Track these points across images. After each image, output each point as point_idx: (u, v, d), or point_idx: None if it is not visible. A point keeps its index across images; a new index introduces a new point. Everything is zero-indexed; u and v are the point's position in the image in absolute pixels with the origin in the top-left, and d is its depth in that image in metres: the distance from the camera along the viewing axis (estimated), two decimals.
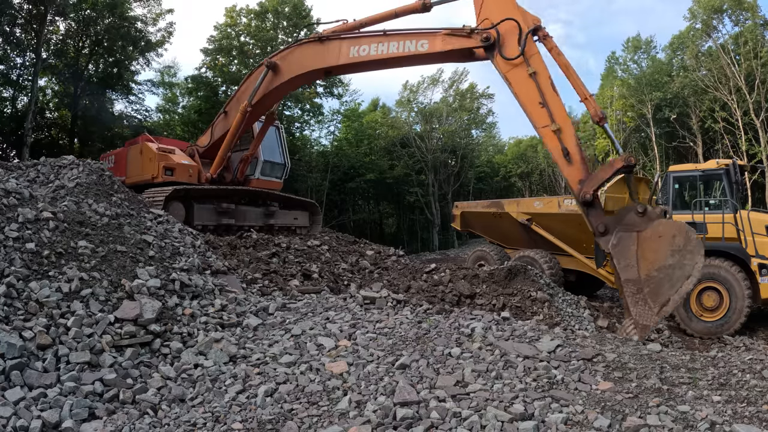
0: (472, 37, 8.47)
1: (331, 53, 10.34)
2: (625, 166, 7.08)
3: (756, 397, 4.38)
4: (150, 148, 12.93)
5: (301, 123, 35.53)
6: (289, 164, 16.62)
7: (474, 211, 13.99)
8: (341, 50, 10.16)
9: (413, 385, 4.70)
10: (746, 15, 28.29)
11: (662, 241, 6.56)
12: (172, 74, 34.59)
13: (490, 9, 8.39)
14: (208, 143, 13.58)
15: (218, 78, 30.48)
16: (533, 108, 7.87)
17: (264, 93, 11.76)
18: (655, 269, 6.54)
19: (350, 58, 10.03)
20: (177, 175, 12.66)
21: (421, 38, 9.25)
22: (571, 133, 7.65)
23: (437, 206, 41.29)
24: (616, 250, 6.76)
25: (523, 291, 8.33)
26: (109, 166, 13.21)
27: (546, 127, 7.74)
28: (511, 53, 8.00)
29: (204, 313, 6.59)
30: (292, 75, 11.23)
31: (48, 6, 22.65)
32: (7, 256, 5.77)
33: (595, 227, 7.09)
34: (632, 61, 36.21)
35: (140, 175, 12.97)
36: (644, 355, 5.85)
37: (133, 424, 4.19)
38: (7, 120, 24.75)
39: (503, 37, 8.16)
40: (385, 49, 9.58)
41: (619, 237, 6.77)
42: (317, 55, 10.59)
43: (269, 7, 30.47)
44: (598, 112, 7.75)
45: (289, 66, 11.21)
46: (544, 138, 7.85)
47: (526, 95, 7.95)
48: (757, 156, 27.78)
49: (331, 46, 10.35)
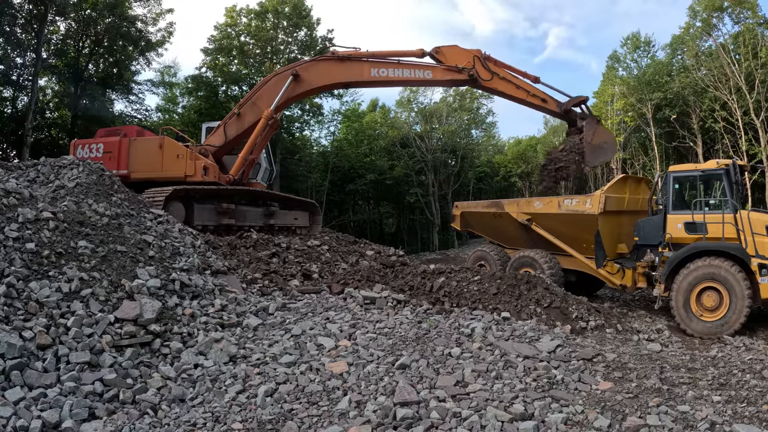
0: (462, 72, 13.00)
1: (353, 70, 13.39)
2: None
3: (756, 397, 4.39)
4: (177, 145, 12.88)
5: (301, 123, 35.51)
6: (275, 170, 17.40)
7: (474, 211, 13.97)
8: (364, 70, 13.33)
9: (413, 385, 4.70)
10: (747, 14, 28.27)
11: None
12: (172, 74, 34.61)
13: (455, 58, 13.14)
14: (220, 144, 13.78)
15: (218, 78, 30.48)
16: (512, 89, 13.07)
17: (287, 99, 13.64)
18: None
19: (371, 77, 13.33)
20: (209, 175, 12.81)
21: (427, 69, 13.52)
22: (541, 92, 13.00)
23: (437, 206, 41.25)
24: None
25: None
26: (94, 156, 12.61)
27: (528, 95, 12.96)
28: (486, 76, 13.03)
29: (204, 313, 6.59)
30: (317, 85, 13.72)
31: (48, 6, 22.65)
32: (7, 256, 5.77)
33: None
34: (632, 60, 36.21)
35: (165, 171, 12.58)
36: (644, 355, 5.86)
37: (133, 424, 4.19)
38: (7, 120, 24.74)
39: (476, 70, 12.99)
40: (400, 73, 13.35)
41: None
42: (339, 70, 13.38)
43: (269, 7, 30.44)
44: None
45: (313, 77, 13.48)
46: (528, 99, 12.92)
47: (504, 87, 13.16)
48: (757, 156, 27.74)
49: (353, 65, 13.34)
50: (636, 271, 9.96)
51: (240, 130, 13.62)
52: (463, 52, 13.12)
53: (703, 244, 8.71)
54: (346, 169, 38.02)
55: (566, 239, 11.25)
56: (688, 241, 8.96)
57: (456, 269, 9.95)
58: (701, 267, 8.50)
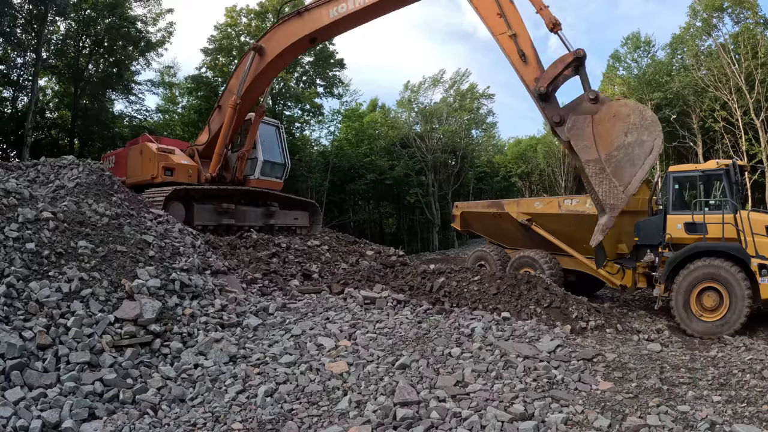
0: None
1: (313, 20, 11.53)
2: (575, 58, 7.29)
3: (756, 397, 4.39)
4: (150, 148, 12.92)
5: (301, 123, 35.50)
6: (290, 164, 16.53)
7: (474, 212, 13.97)
8: (322, 15, 11.38)
9: (413, 385, 4.70)
10: (747, 14, 28.27)
11: (617, 120, 6.60)
12: (172, 74, 34.58)
13: None
14: (206, 140, 13.60)
15: (218, 78, 30.47)
16: (492, 18, 8.56)
17: (253, 78, 12.35)
18: (614, 148, 6.52)
19: (331, 18, 11.21)
20: (177, 175, 12.65)
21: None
22: (527, 37, 8.19)
23: (437, 206, 41.24)
24: (572, 133, 6.82)
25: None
26: (110, 166, 13.20)
27: (503, 34, 8.38)
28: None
29: (204, 313, 6.59)
30: (279, 50, 12.03)
31: (48, 6, 22.65)
32: (7, 256, 5.77)
33: (550, 118, 7.30)
34: (632, 60, 36.23)
35: (140, 176, 12.97)
36: (644, 355, 5.86)
37: (133, 424, 4.19)
38: (7, 120, 24.72)
39: None
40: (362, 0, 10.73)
41: (574, 120, 6.82)
42: (300, 26, 11.71)
43: (269, 7, 30.46)
44: (552, 19, 8.09)
45: (275, 44, 12.06)
46: (502, 43, 8.40)
47: (485, 7, 8.69)
48: (757, 156, 27.75)
49: (312, 15, 11.54)
50: (636, 272, 9.96)
51: (221, 122, 12.99)
52: None
53: (703, 244, 8.71)
54: (346, 169, 38.00)
55: (566, 239, 11.25)
56: (688, 242, 8.96)
57: (456, 269, 9.94)
58: (701, 267, 8.50)
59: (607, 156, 6.60)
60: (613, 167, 6.57)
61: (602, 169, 6.58)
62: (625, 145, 6.56)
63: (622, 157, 6.56)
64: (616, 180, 6.52)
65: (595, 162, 6.66)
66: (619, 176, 6.54)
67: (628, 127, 6.55)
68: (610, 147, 6.61)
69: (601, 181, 6.64)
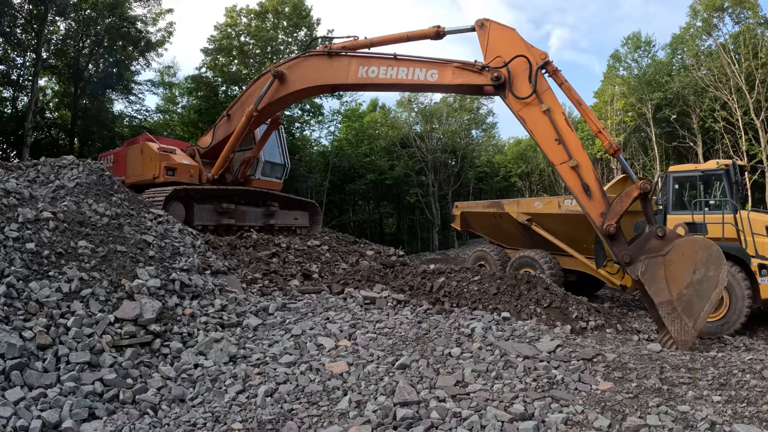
0: (483, 74, 8.34)
1: (339, 70, 10.25)
2: (641, 193, 7.23)
3: (756, 397, 4.38)
4: (151, 147, 12.92)
5: (301, 123, 35.49)
6: (289, 165, 16.61)
7: (474, 212, 13.98)
8: (350, 69, 10.06)
9: (413, 385, 4.70)
10: (747, 14, 28.28)
11: (686, 260, 6.74)
12: (172, 74, 34.62)
13: (498, 45, 8.25)
14: (209, 144, 13.59)
15: (218, 78, 30.49)
16: (550, 145, 7.82)
17: (269, 101, 11.75)
18: (684, 287, 6.72)
19: (358, 78, 9.95)
20: (178, 175, 12.66)
21: (432, 68, 9.04)
22: (590, 168, 7.66)
23: (437, 206, 41.27)
24: (646, 277, 6.95)
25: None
26: (108, 165, 13.18)
27: (564, 164, 7.69)
28: (523, 92, 7.90)
29: (204, 313, 6.59)
30: (298, 87, 11.22)
31: (48, 6, 22.66)
32: (7, 256, 5.77)
33: (620, 258, 7.22)
34: (633, 60, 36.23)
35: (141, 175, 12.96)
36: (644, 355, 5.85)
37: (133, 424, 4.19)
38: (7, 120, 24.73)
39: (514, 75, 8.03)
40: (394, 73, 9.43)
41: (647, 264, 6.94)
42: (325, 70, 10.51)
43: (269, 7, 30.47)
44: (613, 144, 7.80)
45: (296, 78, 11.18)
46: (563, 174, 7.76)
47: (541, 133, 7.88)
48: (757, 156, 27.75)
49: (340, 63, 10.24)
50: None
51: (228, 132, 12.90)
52: (516, 42, 8.16)
53: None
54: (346, 169, 38.02)
55: (566, 239, 11.25)
56: None
57: (456, 269, 9.95)
58: None
59: (678, 295, 6.75)
60: (683, 305, 6.72)
61: (674, 309, 6.73)
62: (693, 282, 6.70)
63: (692, 295, 6.70)
64: (686, 317, 6.67)
65: (667, 303, 6.78)
66: (689, 313, 6.68)
67: (696, 264, 6.71)
68: (681, 287, 6.75)
69: (673, 321, 6.76)
